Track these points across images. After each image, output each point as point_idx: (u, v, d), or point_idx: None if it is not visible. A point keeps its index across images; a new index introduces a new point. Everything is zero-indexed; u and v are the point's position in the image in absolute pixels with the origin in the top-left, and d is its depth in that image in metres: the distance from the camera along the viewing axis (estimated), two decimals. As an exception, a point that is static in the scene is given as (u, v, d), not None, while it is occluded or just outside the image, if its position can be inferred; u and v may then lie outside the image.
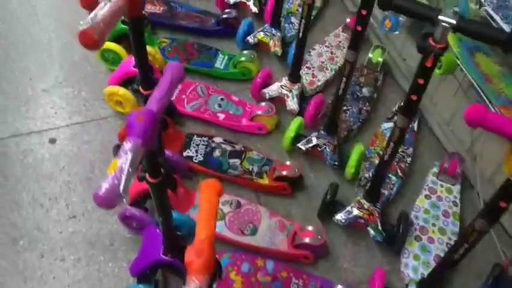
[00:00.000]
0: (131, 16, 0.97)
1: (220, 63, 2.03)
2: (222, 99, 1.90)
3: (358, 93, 1.95)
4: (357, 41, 1.43)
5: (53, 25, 2.23)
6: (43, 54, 2.11)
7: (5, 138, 1.81)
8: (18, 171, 1.72)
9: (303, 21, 1.65)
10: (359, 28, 1.38)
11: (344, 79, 1.53)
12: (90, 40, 0.86)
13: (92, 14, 0.88)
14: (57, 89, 1.97)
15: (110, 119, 1.89)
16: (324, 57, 2.06)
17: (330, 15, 2.35)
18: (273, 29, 2.05)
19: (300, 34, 1.70)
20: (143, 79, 1.16)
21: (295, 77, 1.86)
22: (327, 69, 2.03)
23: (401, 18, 1.84)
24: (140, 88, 1.18)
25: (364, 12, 1.34)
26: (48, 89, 1.97)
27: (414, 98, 1.21)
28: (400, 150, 1.77)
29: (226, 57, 2.05)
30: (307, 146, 1.72)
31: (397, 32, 1.89)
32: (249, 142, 1.84)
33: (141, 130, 0.87)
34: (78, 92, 1.97)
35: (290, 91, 1.85)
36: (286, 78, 1.87)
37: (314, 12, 2.26)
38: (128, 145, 0.85)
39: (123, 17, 1.87)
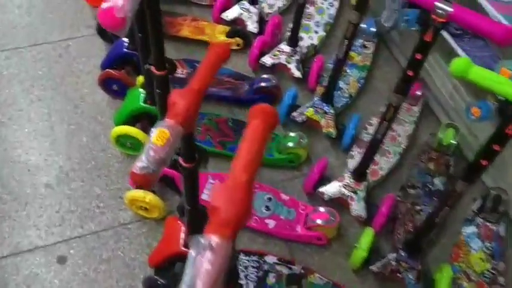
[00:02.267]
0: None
1: (261, 145, 1.67)
2: (269, 198, 1.55)
3: (431, 186, 1.62)
4: (478, 174, 1.10)
5: (51, 95, 1.84)
6: (43, 136, 1.71)
7: (1, 258, 1.44)
8: (21, 310, 1.36)
9: (385, 123, 1.32)
10: (484, 163, 1.05)
11: (447, 208, 1.21)
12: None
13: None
14: (62, 184, 1.59)
15: (132, 225, 1.53)
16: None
17: (382, 75, 2.00)
18: (324, 104, 1.70)
19: (379, 136, 1.36)
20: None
21: (361, 176, 1.52)
22: (389, 153, 1.69)
23: (493, 103, 1.51)
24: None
25: (496, 147, 1.00)
26: (51, 184, 1.59)
27: None
28: (489, 267, 1.47)
29: (268, 137, 1.69)
30: (385, 272, 1.40)
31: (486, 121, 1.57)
32: (305, 255, 1.51)
33: None
34: (90, 187, 1.59)
35: (355, 192, 1.52)
36: (349, 175, 1.53)
37: (364, 74, 1.91)
38: None
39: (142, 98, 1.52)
